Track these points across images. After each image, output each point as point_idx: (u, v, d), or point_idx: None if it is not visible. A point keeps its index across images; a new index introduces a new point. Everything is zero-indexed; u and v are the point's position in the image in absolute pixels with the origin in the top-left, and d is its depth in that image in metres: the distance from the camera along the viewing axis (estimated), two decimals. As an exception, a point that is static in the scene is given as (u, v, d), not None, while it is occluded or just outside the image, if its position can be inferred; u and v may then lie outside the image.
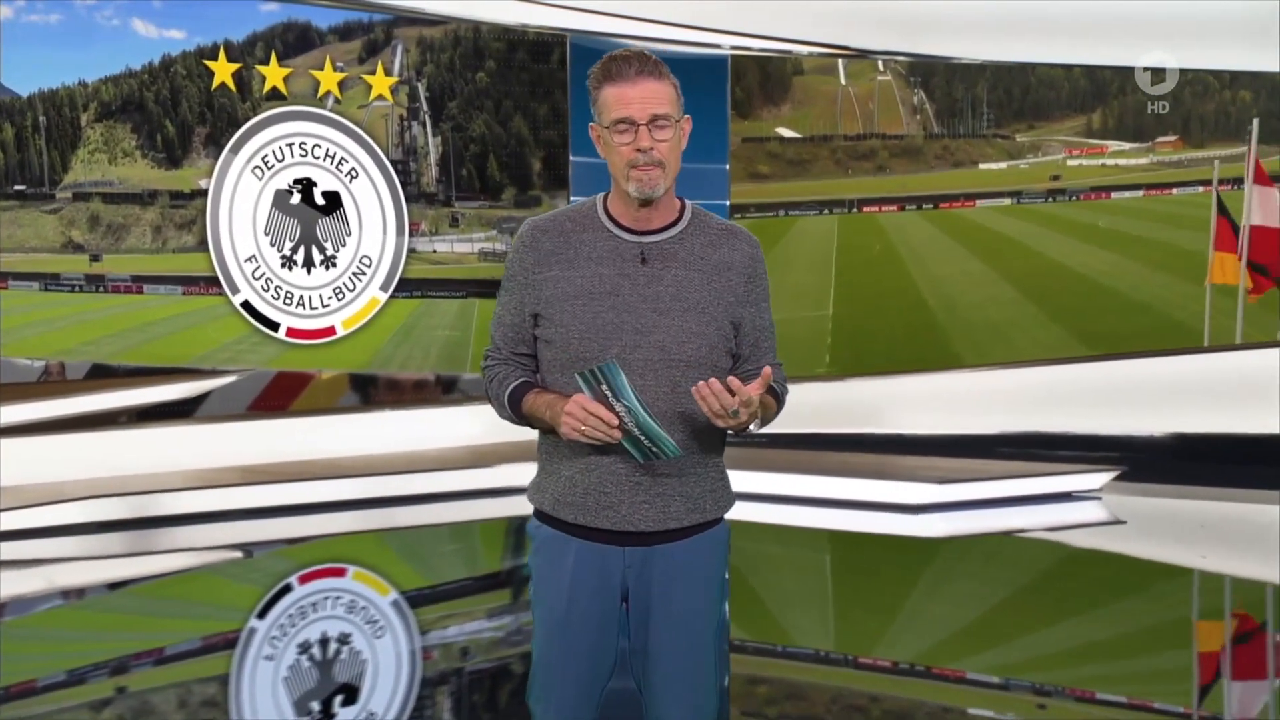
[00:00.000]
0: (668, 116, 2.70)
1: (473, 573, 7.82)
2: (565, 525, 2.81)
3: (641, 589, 2.80)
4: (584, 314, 2.71)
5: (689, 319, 2.70)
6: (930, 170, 10.98)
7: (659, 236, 2.77)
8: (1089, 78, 10.72)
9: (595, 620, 2.81)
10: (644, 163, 2.68)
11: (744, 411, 2.61)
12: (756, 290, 2.83)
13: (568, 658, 2.84)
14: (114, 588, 7.11)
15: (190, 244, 8.95)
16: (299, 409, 9.33)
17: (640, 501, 2.75)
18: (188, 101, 8.96)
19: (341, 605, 6.46)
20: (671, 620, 2.81)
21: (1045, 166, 10.88)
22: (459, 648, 5.86)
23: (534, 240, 2.80)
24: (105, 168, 8.77)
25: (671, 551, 2.79)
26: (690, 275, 2.74)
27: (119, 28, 8.80)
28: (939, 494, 8.45)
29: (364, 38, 9.73)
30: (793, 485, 8.67)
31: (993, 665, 5.60)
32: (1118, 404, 10.15)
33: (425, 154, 10.01)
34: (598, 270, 2.73)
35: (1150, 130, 10.59)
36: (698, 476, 2.80)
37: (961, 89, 10.86)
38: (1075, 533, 8.26)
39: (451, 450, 9.37)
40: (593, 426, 2.61)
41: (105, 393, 8.63)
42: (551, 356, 2.77)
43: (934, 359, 10.57)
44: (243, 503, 8.10)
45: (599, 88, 2.72)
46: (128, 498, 7.83)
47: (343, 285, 9.32)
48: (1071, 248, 10.72)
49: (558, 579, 2.83)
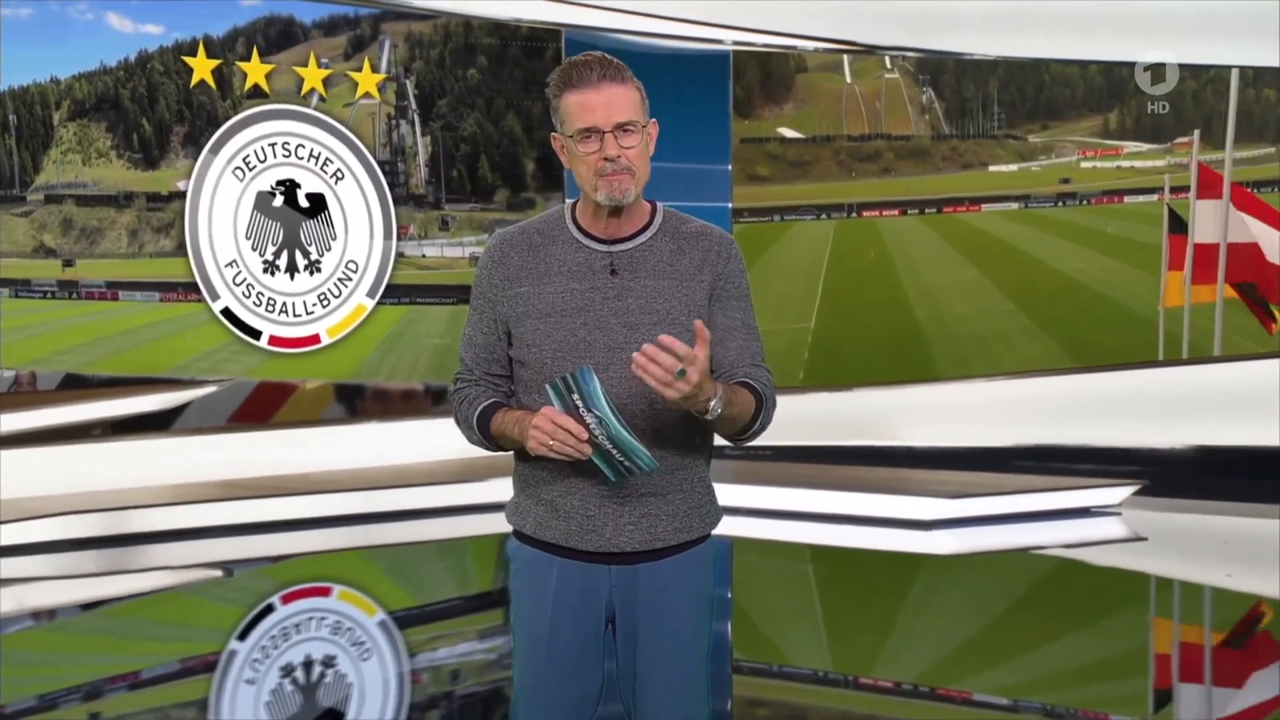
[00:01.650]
0: (634, 122, 2.69)
1: (463, 592, 7.81)
2: (548, 546, 2.82)
3: (628, 609, 2.81)
4: (555, 332, 2.73)
5: (659, 332, 2.65)
6: (938, 172, 10.97)
7: (628, 244, 2.78)
8: (1105, 75, 10.71)
9: (579, 642, 2.82)
10: (612, 170, 2.68)
11: (693, 372, 2.51)
12: (725, 288, 2.80)
13: (551, 682, 2.84)
14: (87, 608, 7.08)
15: (168, 248, 8.93)
16: (282, 421, 9.30)
17: (625, 523, 2.76)
18: (165, 99, 8.95)
19: (326, 626, 6.44)
20: (660, 639, 2.82)
21: (1056, 169, 10.88)
22: (449, 670, 5.86)
23: (502, 255, 2.82)
24: (79, 169, 8.76)
25: (659, 569, 2.81)
26: (660, 284, 2.75)
27: (93, 22, 8.79)
28: (950, 509, 8.43)
29: (350, 33, 9.73)
30: (797, 500, 8.67)
31: (1002, 686, 5.58)
32: (1138, 415, 10.14)
33: (414, 154, 10.00)
34: (568, 285, 2.75)
35: (1168, 131, 10.58)
36: (683, 494, 2.81)
37: (972, 87, 10.85)
38: (1094, 550, 8.25)
39: (441, 464, 9.35)
40: (561, 440, 2.61)
41: (78, 404, 8.61)
42: (527, 377, 2.80)
43: (918, 373, 10.56)
44: (223, 519, 8.07)
45: (559, 95, 2.71)
46: (102, 514, 7.80)
47: (328, 291, 9.31)
48: (1076, 254, 10.72)
49: (539, 601, 2.83)
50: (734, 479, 8.65)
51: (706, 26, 10.34)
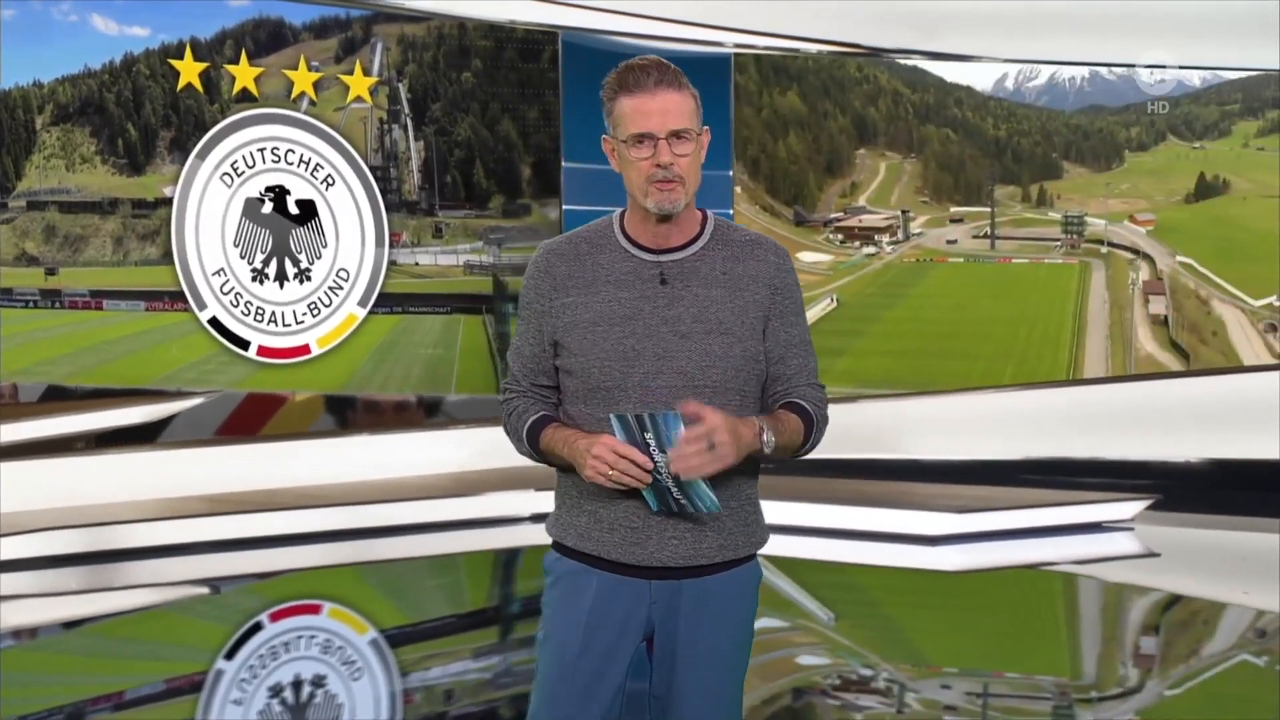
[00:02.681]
0: (689, 130, 2.73)
1: (457, 610, 7.80)
2: (589, 559, 2.82)
3: (668, 626, 2.81)
4: (603, 341, 2.74)
5: (712, 341, 2.72)
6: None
7: (679, 254, 2.80)
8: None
9: (606, 659, 2.80)
10: (663, 178, 2.71)
11: (719, 438, 2.58)
12: (783, 303, 2.83)
13: (578, 697, 2.81)
14: (69, 627, 7.06)
15: (154, 256, 8.92)
16: (270, 433, 9.29)
17: (670, 536, 2.76)
18: (151, 103, 8.94)
19: (316, 645, 6.43)
20: (700, 659, 2.81)
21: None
22: (442, 690, 5.85)
23: (548, 265, 2.83)
24: (62, 174, 8.75)
25: (703, 585, 2.80)
26: (712, 294, 2.77)
27: (77, 24, 8.79)
28: (957, 524, 8.43)
29: (341, 35, 9.73)
30: (799, 515, 8.62)
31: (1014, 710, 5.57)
32: (1151, 427, 10.13)
33: (407, 160, 10.00)
34: (616, 294, 2.76)
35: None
36: (730, 510, 2.80)
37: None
38: (1106, 566, 8.24)
39: (435, 477, 9.34)
40: (623, 470, 2.63)
41: (61, 416, 8.59)
42: (573, 386, 2.80)
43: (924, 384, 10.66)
44: (209, 534, 8.05)
45: (614, 98, 2.74)
46: (85, 529, 7.78)
47: (318, 300, 9.30)
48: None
49: (574, 613, 2.82)
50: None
51: (706, 29, 10.35)
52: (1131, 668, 6.24)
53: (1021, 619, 7.36)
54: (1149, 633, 7.00)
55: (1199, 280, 10.59)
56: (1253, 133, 10.68)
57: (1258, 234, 10.53)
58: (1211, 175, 10.71)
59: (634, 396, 2.71)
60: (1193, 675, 6.12)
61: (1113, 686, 5.96)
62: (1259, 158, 10.64)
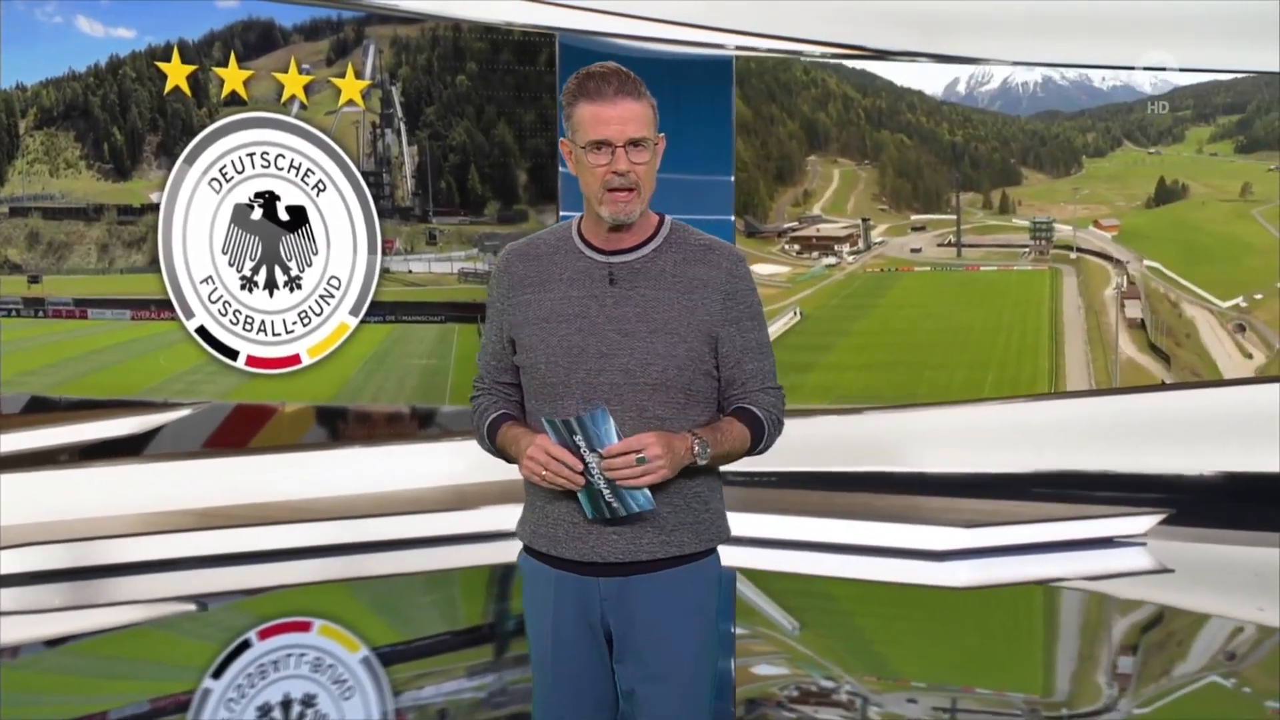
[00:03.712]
0: (646, 139, 2.88)
1: (452, 627, 7.78)
2: (542, 556, 3.00)
3: (623, 626, 2.94)
4: (551, 338, 2.92)
5: (655, 340, 2.88)
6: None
7: (629, 256, 2.95)
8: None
9: (584, 653, 2.97)
10: (619, 185, 2.86)
11: (650, 453, 2.77)
12: (737, 308, 2.96)
13: (563, 690, 2.99)
14: (52, 645, 7.06)
15: (140, 264, 8.92)
16: (260, 445, 9.28)
17: (609, 532, 2.90)
18: (138, 107, 8.94)
19: (306, 663, 6.42)
20: (657, 657, 2.93)
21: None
22: (436, 710, 5.85)
23: (508, 265, 3.04)
24: (46, 180, 8.75)
25: (652, 583, 2.93)
26: (660, 295, 2.91)
27: (61, 26, 8.79)
28: (965, 539, 8.41)
29: (332, 37, 9.74)
30: (803, 529, 8.63)
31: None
32: (1164, 439, 10.13)
33: (400, 165, 10.00)
34: (567, 292, 2.94)
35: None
36: (673, 508, 2.93)
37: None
38: (1118, 582, 8.23)
39: (429, 491, 9.33)
40: (555, 471, 2.81)
41: (45, 428, 8.58)
42: (527, 383, 2.99)
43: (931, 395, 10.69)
44: (196, 549, 8.04)
45: (574, 104, 2.91)
46: (69, 545, 7.78)
47: (308, 309, 9.30)
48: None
49: (542, 612, 3.01)
50: (736, 507, 8.54)
51: (708, 30, 10.35)
52: (1108, 686, 6.22)
53: (999, 633, 7.38)
54: (1127, 651, 6.99)
55: (1168, 284, 10.80)
56: (1205, 138, 10.94)
57: (1219, 237, 10.83)
58: (1171, 180, 10.94)
59: (577, 393, 2.87)
60: (1164, 694, 6.12)
61: (1084, 704, 5.95)
62: (1213, 163, 10.92)
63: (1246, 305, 10.61)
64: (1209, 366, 10.62)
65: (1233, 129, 10.85)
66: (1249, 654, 6.88)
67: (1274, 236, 10.56)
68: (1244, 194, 10.76)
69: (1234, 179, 10.82)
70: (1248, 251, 10.72)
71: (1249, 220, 10.70)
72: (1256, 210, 10.68)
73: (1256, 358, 10.59)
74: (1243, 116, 10.82)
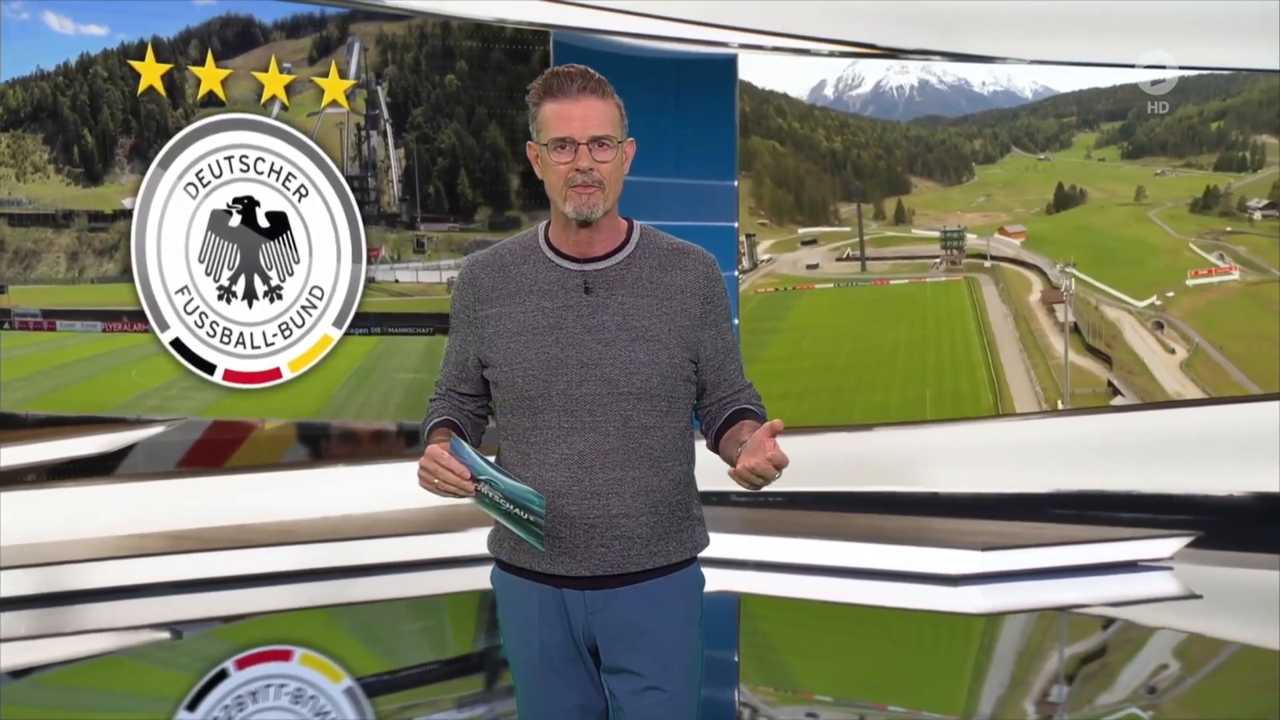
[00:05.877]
0: (610, 138, 2.94)
1: (439, 655, 7.78)
2: (524, 572, 3.05)
3: (609, 638, 3.01)
4: (527, 351, 2.97)
5: (638, 349, 2.95)
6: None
7: (603, 263, 3.01)
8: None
9: (571, 667, 3.04)
10: (582, 182, 2.92)
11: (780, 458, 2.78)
12: (714, 311, 3.06)
13: (551, 698, 3.05)
14: (18, 676, 7.03)
15: (112, 273, 8.92)
16: (238, 464, 9.29)
17: (597, 545, 2.96)
18: (110, 108, 8.95)
19: (286, 694, 6.42)
20: (648, 668, 2.99)
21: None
22: (423, 744, 5.83)
23: (473, 277, 3.08)
24: (12, 184, 8.75)
25: (637, 594, 3.00)
26: (639, 302, 2.98)
27: (29, 23, 8.79)
28: (982, 562, 8.42)
29: (315, 35, 9.75)
30: (811, 552, 8.65)
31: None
32: (1191, 459, 10.14)
33: (386, 169, 10.01)
34: (540, 304, 2.99)
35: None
36: (657, 516, 3.00)
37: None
38: (1142, 608, 8.23)
39: (416, 512, 9.32)
40: (443, 479, 2.81)
41: (11, 446, 8.58)
42: (500, 397, 3.04)
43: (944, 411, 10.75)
44: (171, 574, 8.04)
45: (539, 104, 2.97)
46: (35, 569, 7.78)
47: (289, 320, 9.30)
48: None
49: (526, 624, 3.05)
50: (741, 529, 8.67)
51: (710, 28, 10.37)
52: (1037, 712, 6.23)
53: (924, 652, 7.41)
54: (1056, 680, 7.00)
55: (1085, 288, 11.04)
56: (1091, 144, 11.24)
57: (1124, 240, 11.17)
58: (1069, 186, 11.21)
59: (558, 405, 2.94)
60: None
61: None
62: (1103, 168, 11.24)
63: (1161, 304, 11.00)
64: (1139, 365, 10.88)
65: (1116, 135, 11.20)
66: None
67: (1174, 237, 11.01)
68: (1139, 198, 11.18)
69: (1126, 183, 11.19)
70: (1153, 252, 11.15)
71: (1148, 223, 11.13)
72: (1153, 212, 11.13)
73: (1179, 353, 10.90)
74: (1124, 123, 11.15)
